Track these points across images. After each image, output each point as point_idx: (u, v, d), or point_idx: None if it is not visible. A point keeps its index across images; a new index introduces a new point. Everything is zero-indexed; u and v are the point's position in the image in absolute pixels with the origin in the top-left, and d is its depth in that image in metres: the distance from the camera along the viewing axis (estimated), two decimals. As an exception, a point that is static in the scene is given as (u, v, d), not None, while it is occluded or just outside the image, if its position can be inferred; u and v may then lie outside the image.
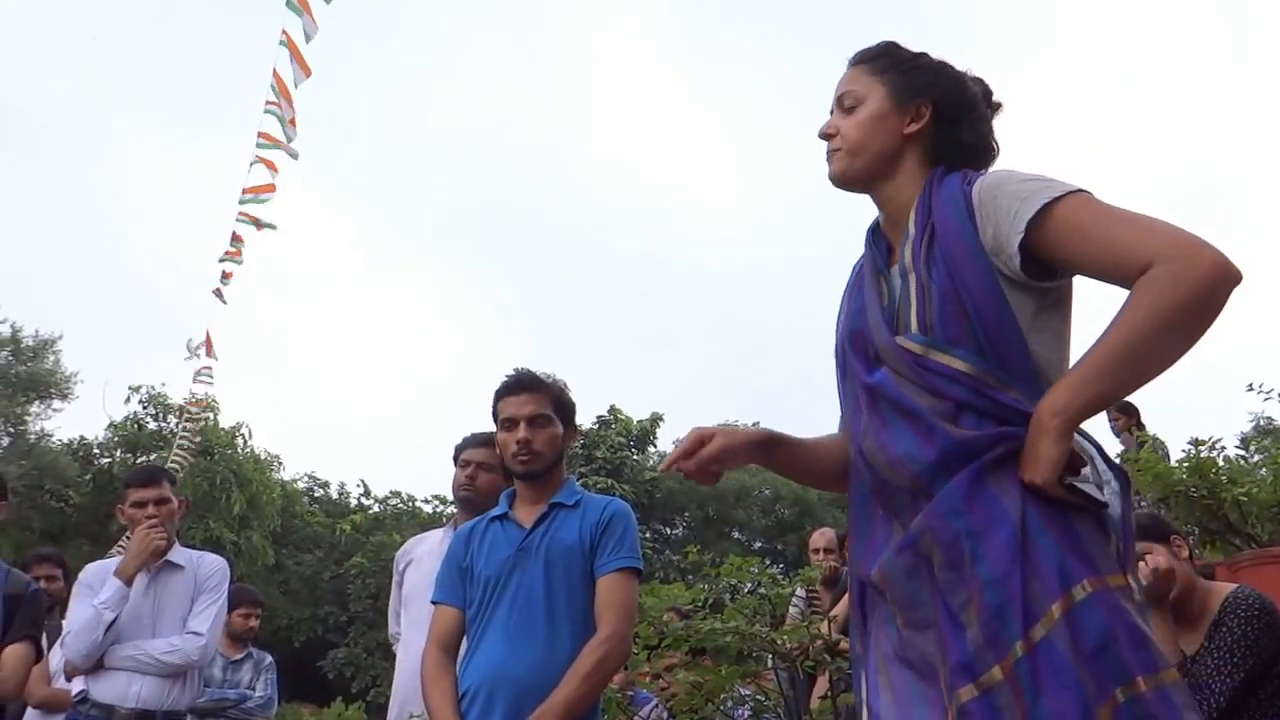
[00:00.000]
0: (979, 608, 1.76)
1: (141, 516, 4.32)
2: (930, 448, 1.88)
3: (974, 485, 1.82)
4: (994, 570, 1.76)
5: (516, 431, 3.29)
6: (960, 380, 1.89)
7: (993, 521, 1.79)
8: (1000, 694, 1.72)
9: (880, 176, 2.11)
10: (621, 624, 3.14)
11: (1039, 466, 1.78)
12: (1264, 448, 6.10)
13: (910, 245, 2.01)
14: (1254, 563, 5.05)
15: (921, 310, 1.94)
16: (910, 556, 1.87)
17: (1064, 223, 1.85)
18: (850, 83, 2.16)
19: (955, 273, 1.91)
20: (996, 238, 1.90)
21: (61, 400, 27.90)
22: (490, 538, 3.32)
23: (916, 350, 1.93)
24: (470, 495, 4.28)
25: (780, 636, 4.02)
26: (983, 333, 1.89)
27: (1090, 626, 1.72)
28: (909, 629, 1.89)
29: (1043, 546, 1.77)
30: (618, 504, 3.38)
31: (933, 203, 2.01)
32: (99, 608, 4.13)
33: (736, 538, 32.97)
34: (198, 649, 4.27)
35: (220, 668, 6.45)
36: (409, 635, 4.20)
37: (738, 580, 4.32)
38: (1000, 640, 1.74)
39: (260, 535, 26.75)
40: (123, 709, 4.12)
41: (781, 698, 4.23)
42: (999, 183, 1.94)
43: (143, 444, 26.53)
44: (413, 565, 4.39)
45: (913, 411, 1.91)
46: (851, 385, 2.08)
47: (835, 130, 2.14)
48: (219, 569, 4.50)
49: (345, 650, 25.80)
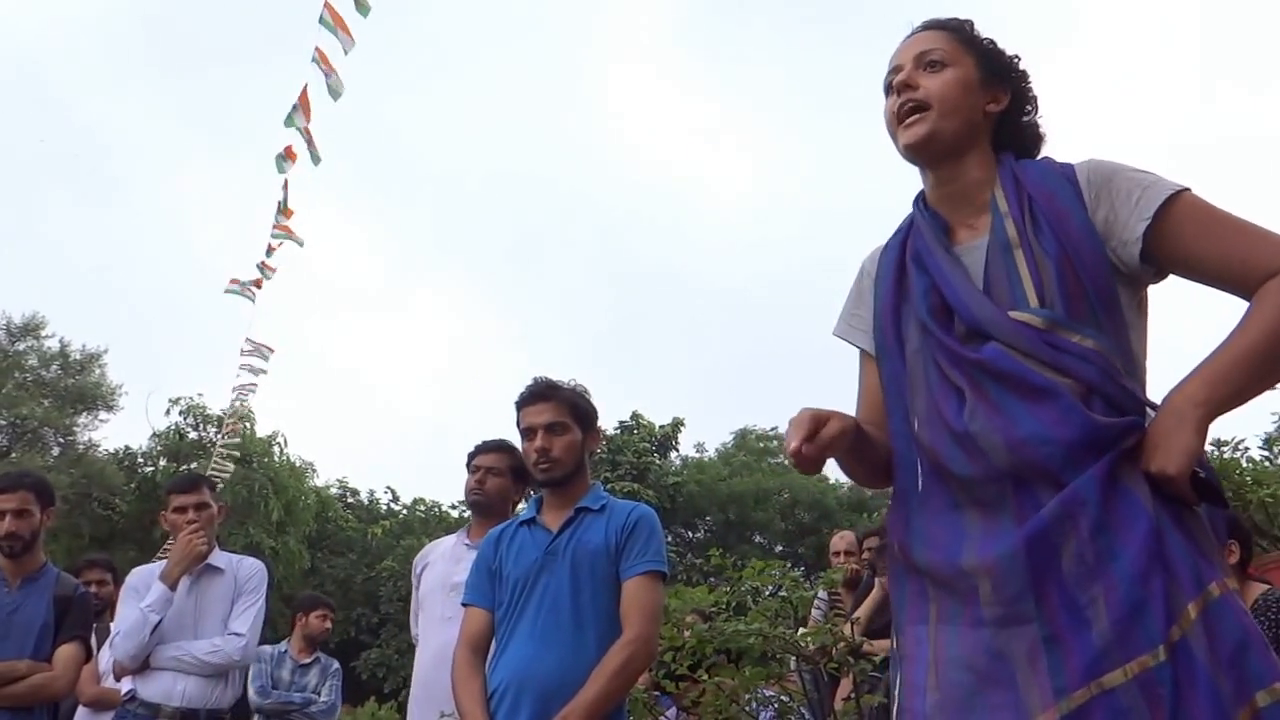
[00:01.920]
0: (1112, 604, 1.67)
1: (182, 521, 4.43)
2: (1067, 428, 1.76)
3: (1110, 477, 1.74)
4: (1134, 567, 1.68)
5: (535, 440, 3.35)
6: (1093, 360, 1.79)
7: (1131, 516, 1.71)
8: (1125, 695, 1.63)
9: (959, 149, 2.01)
10: (646, 626, 3.16)
11: (1174, 457, 1.70)
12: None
13: (1010, 221, 1.92)
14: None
15: (1039, 285, 1.84)
16: (1024, 548, 1.74)
17: (1187, 217, 1.82)
18: (931, 41, 2.04)
19: (1072, 249, 1.84)
20: (1111, 222, 1.85)
21: (107, 411, 28.26)
22: (519, 541, 3.37)
23: (1040, 325, 1.82)
24: (480, 499, 4.40)
25: (803, 638, 4.03)
26: (1102, 313, 1.83)
27: (1227, 628, 1.66)
28: (997, 626, 1.75)
29: (1174, 545, 1.70)
30: (643, 509, 3.40)
31: (1021, 180, 1.95)
32: (145, 610, 4.25)
33: (757, 541, 32.89)
34: (239, 649, 4.38)
35: (289, 670, 6.56)
36: (426, 632, 4.31)
37: (760, 583, 4.35)
38: (1134, 640, 1.65)
39: (296, 540, 27.00)
40: (168, 707, 4.24)
41: (805, 699, 4.26)
42: (1112, 168, 1.89)
43: (184, 453, 26.87)
44: (428, 568, 4.47)
45: (1043, 389, 1.79)
46: (928, 365, 1.94)
47: (918, 84, 2.01)
48: (258, 572, 4.62)
49: (378, 651, 25.99)
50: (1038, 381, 1.79)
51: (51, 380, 27.60)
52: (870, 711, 4.33)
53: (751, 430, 37.37)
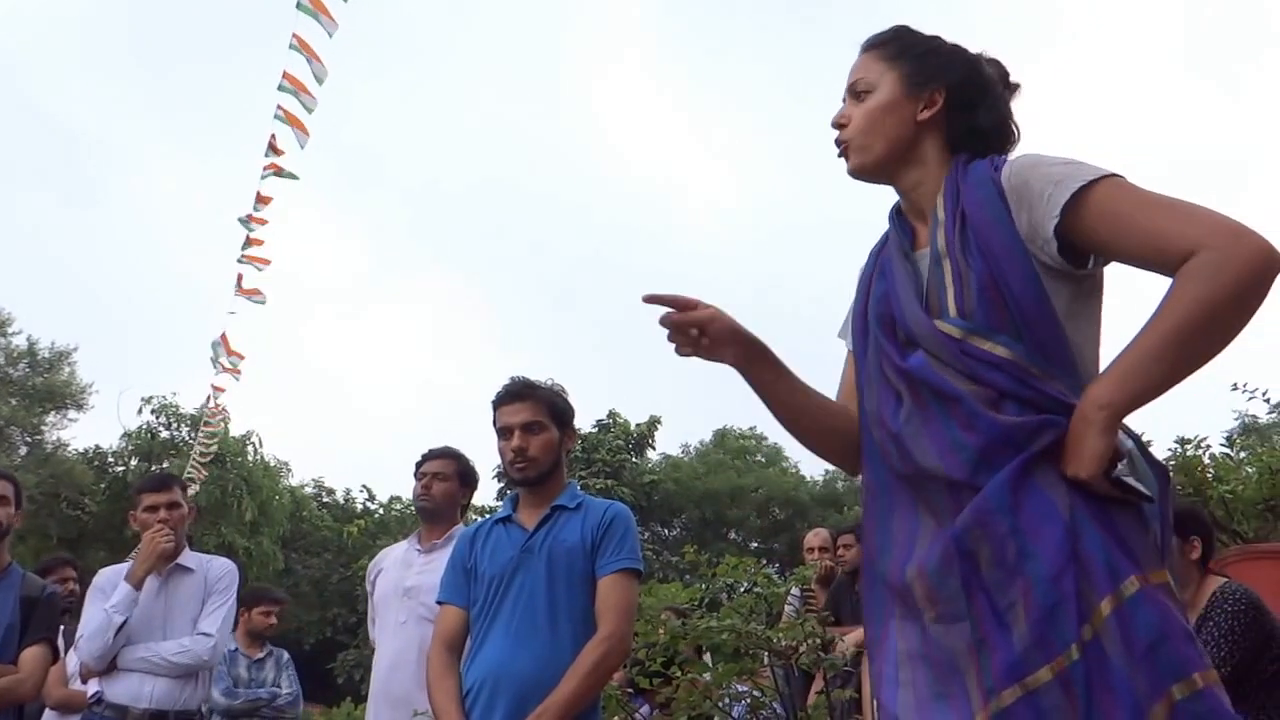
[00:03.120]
0: (1029, 606, 1.70)
1: (153, 521, 4.40)
2: (973, 434, 1.80)
3: (1021, 479, 1.75)
4: (1046, 569, 1.70)
5: (512, 440, 3.35)
6: (1003, 367, 1.81)
7: (1043, 518, 1.73)
8: (1047, 695, 1.67)
9: (898, 164, 2.05)
10: (621, 624, 3.17)
11: (1084, 461, 1.72)
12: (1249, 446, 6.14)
13: (943, 231, 1.94)
14: (1240, 559, 5.09)
15: (959, 296, 1.87)
16: (953, 553, 1.78)
17: (1100, 208, 1.79)
18: (862, 70, 2.09)
19: (992, 260, 1.85)
20: (1031, 224, 1.84)
21: (77, 411, 28.10)
22: (494, 539, 3.37)
23: (956, 335, 1.85)
24: (427, 504, 4.44)
25: (776, 634, 4.04)
26: (1020, 320, 1.83)
27: (1141, 623, 1.67)
28: (936, 624, 1.81)
29: (1090, 542, 1.71)
30: (618, 507, 3.40)
31: (961, 188, 1.95)
32: (109, 611, 4.23)
33: (732, 538, 33.05)
34: (208, 649, 4.36)
35: (245, 667, 6.52)
36: (381, 638, 4.34)
37: (734, 580, 4.36)
38: (1051, 641, 1.68)
39: (270, 540, 26.93)
40: (136, 709, 4.22)
41: (778, 694, 4.28)
42: (1029, 166, 1.88)
43: (156, 452, 26.73)
44: (382, 575, 4.50)
45: (953, 397, 1.83)
46: (876, 368, 1.99)
47: (847, 119, 2.07)
48: (228, 572, 4.60)
49: (355, 652, 25.92)
50: (948, 389, 1.84)
51: (19, 378, 27.40)
52: (841, 706, 4.36)
53: (731, 430, 37.49)
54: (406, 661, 4.16)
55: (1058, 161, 1.86)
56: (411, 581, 4.29)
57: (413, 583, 4.28)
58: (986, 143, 2.03)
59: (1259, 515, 5.39)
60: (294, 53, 9.64)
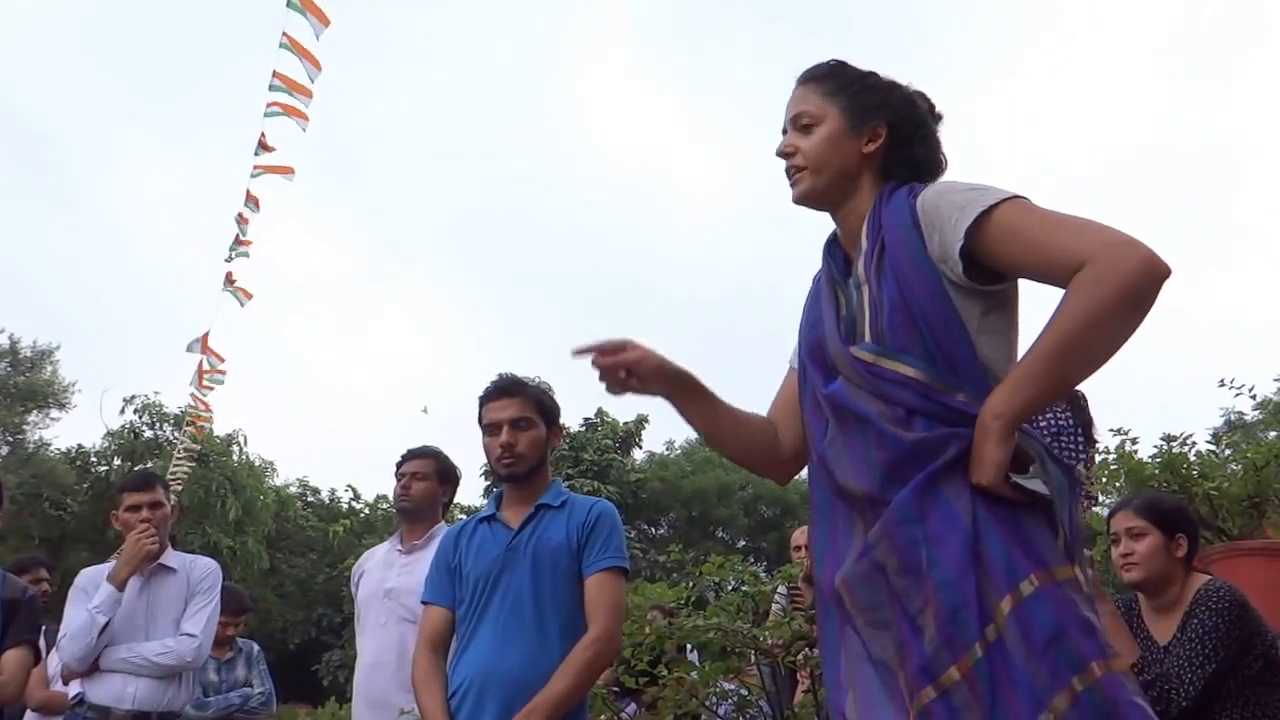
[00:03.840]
0: (935, 611, 1.81)
1: (135, 521, 4.38)
2: (881, 451, 1.92)
3: (927, 490, 1.87)
4: (948, 574, 1.81)
5: (499, 435, 3.34)
6: (909, 385, 1.93)
7: (946, 525, 1.84)
8: (958, 694, 1.77)
9: (840, 195, 2.15)
10: (611, 623, 3.19)
11: (984, 468, 1.83)
12: (1234, 442, 6.15)
13: (863, 259, 2.05)
14: (1225, 556, 5.09)
15: (874, 320, 1.98)
16: (867, 564, 1.90)
17: (1001, 228, 1.90)
18: (802, 103, 2.18)
19: (903, 283, 1.96)
20: (941, 246, 1.94)
21: (59, 410, 28.01)
22: (479, 538, 3.37)
23: (868, 359, 1.97)
24: (407, 504, 4.47)
25: (762, 633, 4.05)
26: (930, 339, 1.93)
27: (1039, 619, 1.77)
28: (869, 628, 1.92)
29: (991, 545, 1.82)
30: (603, 504, 3.41)
31: (882, 217, 2.05)
32: (92, 612, 4.20)
33: (720, 536, 33.11)
34: (191, 650, 4.34)
35: (214, 670, 6.48)
36: (362, 640, 4.36)
37: (720, 579, 4.36)
38: (957, 642, 1.78)
39: (255, 540, 26.85)
40: (118, 710, 4.20)
41: (764, 693, 4.28)
42: (940, 193, 2.00)
43: (139, 452, 26.63)
44: (365, 576, 4.51)
45: (864, 418, 1.95)
46: (809, 392, 2.12)
47: (794, 149, 2.17)
48: (212, 572, 4.58)
49: (340, 652, 25.86)
50: (860, 410, 1.97)
51: (0, 377, 27.27)
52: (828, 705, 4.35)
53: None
54: (386, 663, 4.17)
55: (966, 187, 1.99)
56: (392, 583, 4.30)
57: (393, 584, 4.29)
58: (919, 173, 2.15)
59: (1244, 512, 5.39)
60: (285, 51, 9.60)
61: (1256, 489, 5.37)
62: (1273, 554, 5.14)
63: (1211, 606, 3.41)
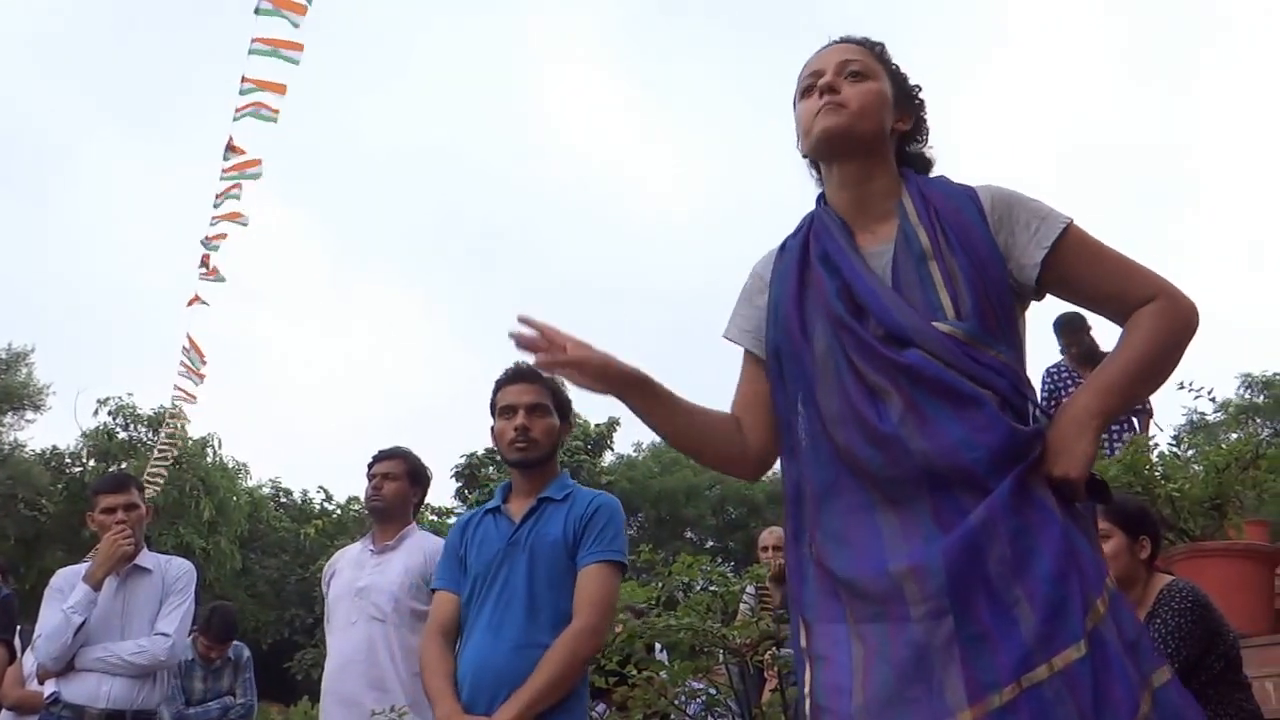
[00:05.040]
0: (1038, 604, 1.76)
1: (111, 522, 4.40)
2: (993, 435, 1.85)
3: (1023, 483, 1.85)
4: (1052, 568, 1.78)
5: (515, 418, 3.33)
6: (1006, 375, 1.92)
7: (1043, 520, 1.83)
8: (1050, 688, 1.71)
9: (868, 153, 2.08)
10: (594, 617, 3.15)
11: (1077, 461, 1.85)
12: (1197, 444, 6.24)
13: (924, 232, 2.00)
14: (1187, 556, 5.17)
15: (954, 297, 1.94)
16: (964, 550, 1.80)
17: (1083, 248, 1.99)
18: (852, 53, 2.12)
19: (980, 265, 1.96)
20: (1010, 245, 1.99)
21: (34, 412, 27.79)
22: (483, 530, 3.37)
23: (960, 337, 1.91)
24: (378, 504, 4.47)
25: (731, 632, 4.07)
26: (1007, 328, 1.97)
27: (1126, 618, 1.82)
28: (920, 622, 1.80)
29: (1080, 545, 1.84)
30: (605, 498, 3.38)
31: (927, 195, 2.05)
32: (68, 612, 4.22)
33: (688, 536, 33.11)
34: (165, 649, 4.36)
35: (200, 678, 6.48)
36: (332, 639, 4.36)
37: (689, 578, 4.39)
38: (1057, 636, 1.74)
39: (228, 540, 26.76)
40: (93, 709, 4.22)
41: (733, 692, 4.30)
42: (1010, 195, 2.03)
43: (113, 453, 26.51)
44: (336, 575, 4.51)
45: (970, 398, 1.87)
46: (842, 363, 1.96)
47: (841, 89, 2.08)
48: (186, 572, 4.60)
49: (313, 651, 25.79)
50: (966, 390, 1.88)
51: (-24, 380, 27.14)
52: (796, 703, 4.39)
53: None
54: (355, 661, 4.18)
55: (1034, 198, 2.04)
56: (364, 582, 4.31)
57: (365, 583, 4.30)
58: (923, 169, 2.18)
59: (1206, 513, 5.46)
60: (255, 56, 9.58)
61: (1218, 490, 5.44)
62: (1234, 554, 5.22)
63: (1174, 606, 3.45)
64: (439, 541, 4.48)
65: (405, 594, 4.21)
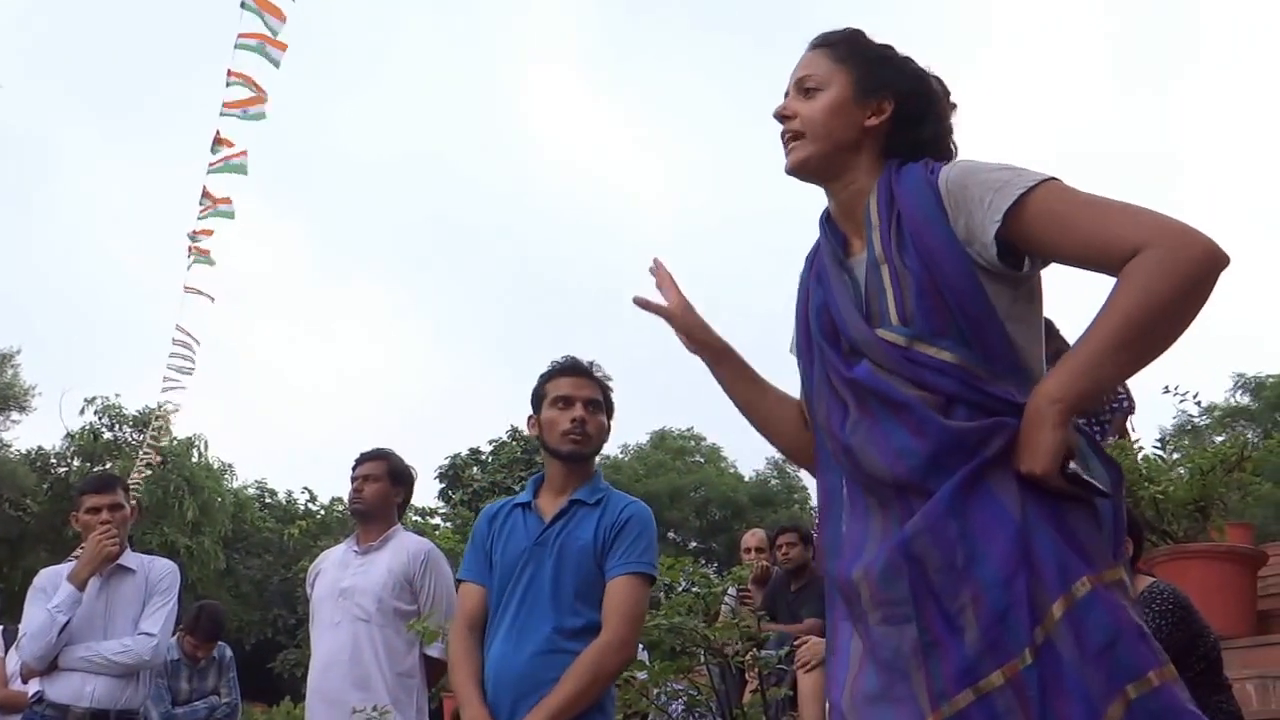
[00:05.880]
0: (980, 611, 1.71)
1: (95, 522, 4.40)
2: (924, 440, 1.80)
3: (972, 483, 1.76)
4: (998, 573, 1.71)
5: (573, 410, 3.27)
6: (949, 373, 1.82)
7: (994, 521, 1.74)
8: (1000, 699, 1.67)
9: (838, 167, 2.04)
10: (624, 629, 3.08)
11: (1039, 456, 1.72)
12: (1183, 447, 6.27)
13: (879, 235, 1.94)
14: (1170, 558, 5.22)
15: (899, 301, 1.88)
16: (900, 557, 1.78)
17: (1041, 211, 1.80)
18: (810, 66, 2.07)
19: (931, 262, 1.86)
20: (969, 228, 1.85)
21: (20, 412, 27.70)
22: (511, 525, 3.30)
23: (900, 342, 1.86)
24: (359, 506, 4.49)
25: (713, 632, 4.07)
26: (964, 322, 1.84)
27: (1094, 624, 1.68)
28: (883, 625, 1.81)
29: (1042, 544, 1.72)
30: (637, 506, 3.29)
31: (895, 192, 1.95)
32: (52, 611, 4.22)
33: (671, 538, 33.15)
34: (149, 649, 4.37)
35: (186, 678, 6.50)
36: (315, 639, 4.37)
37: (671, 580, 4.40)
38: (1003, 645, 1.69)
39: (212, 540, 26.73)
40: (77, 708, 4.22)
41: (714, 692, 4.31)
42: (967, 172, 1.89)
43: (99, 453, 26.48)
44: (320, 576, 4.52)
45: (902, 404, 1.83)
46: (823, 379, 2.00)
47: (794, 113, 2.05)
48: (170, 572, 4.60)
49: (296, 651, 25.74)
50: (897, 397, 1.84)
51: (-40, 381, 27.05)
52: (776, 704, 4.41)
53: (669, 431, 37.54)
54: (339, 661, 4.19)
55: (996, 168, 1.87)
56: (348, 582, 4.32)
57: (349, 583, 4.31)
58: (922, 154, 2.03)
59: (1189, 516, 5.49)
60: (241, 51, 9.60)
61: (1202, 493, 5.47)
62: (1217, 557, 5.26)
63: (1155, 608, 3.45)
64: (423, 542, 4.50)
65: (389, 594, 4.22)
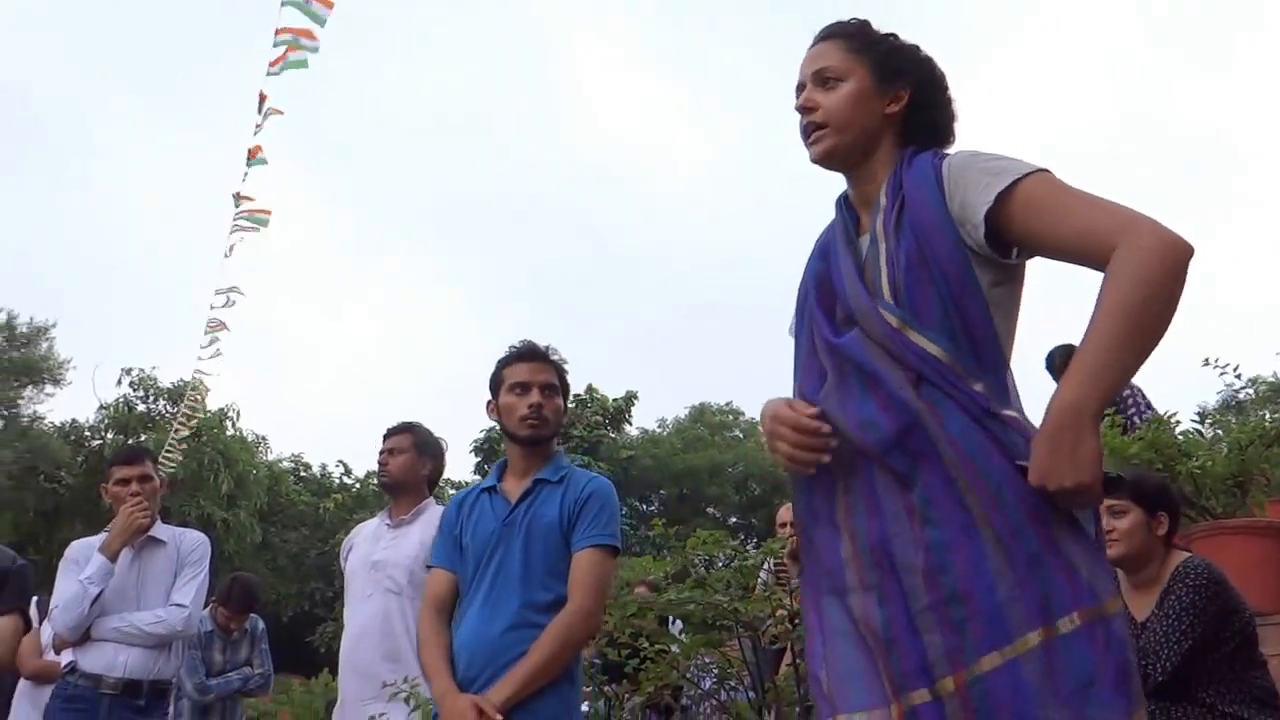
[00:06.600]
0: (939, 618, 1.74)
1: (125, 494, 4.43)
2: (890, 415, 1.85)
3: (944, 490, 1.80)
4: (961, 584, 1.74)
5: (529, 396, 3.34)
6: (930, 364, 1.86)
7: (962, 537, 1.76)
8: (950, 704, 1.71)
9: (860, 155, 2.08)
10: (588, 600, 3.17)
11: (1083, 467, 1.71)
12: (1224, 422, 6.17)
13: (882, 215, 2.00)
14: (1208, 534, 5.13)
15: (891, 275, 1.92)
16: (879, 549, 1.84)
17: (1031, 199, 1.86)
18: (825, 57, 2.11)
19: (923, 239, 1.91)
20: (964, 207, 1.89)
21: (54, 385, 28.06)
22: (479, 510, 3.38)
23: (894, 323, 1.89)
24: (387, 480, 4.55)
25: (744, 606, 4.07)
26: (949, 299, 1.88)
27: (1072, 662, 1.69)
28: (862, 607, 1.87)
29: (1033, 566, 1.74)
30: (599, 482, 3.39)
31: (904, 177, 2.00)
32: (84, 582, 4.24)
33: (711, 513, 33.23)
34: (181, 619, 4.39)
35: (219, 649, 6.58)
36: (349, 611, 4.41)
37: (708, 553, 4.39)
38: (959, 654, 1.72)
39: (247, 513, 26.96)
40: (110, 678, 4.25)
41: (745, 666, 4.31)
42: (970, 158, 1.96)
43: (132, 426, 26.71)
44: (353, 550, 4.57)
45: (874, 376, 1.88)
46: (808, 349, 2.06)
47: (816, 105, 2.09)
48: (200, 544, 4.63)
49: (333, 625, 25.99)
50: (872, 369, 1.89)
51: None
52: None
53: (709, 406, 37.58)
54: (370, 633, 4.23)
55: (996, 156, 1.94)
56: (379, 555, 4.35)
57: (380, 556, 4.35)
58: (939, 139, 2.11)
59: (1227, 491, 5.43)
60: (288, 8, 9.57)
61: (1240, 468, 5.40)
62: (1256, 532, 5.18)
63: (1189, 583, 3.42)
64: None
65: (420, 567, 4.22)
